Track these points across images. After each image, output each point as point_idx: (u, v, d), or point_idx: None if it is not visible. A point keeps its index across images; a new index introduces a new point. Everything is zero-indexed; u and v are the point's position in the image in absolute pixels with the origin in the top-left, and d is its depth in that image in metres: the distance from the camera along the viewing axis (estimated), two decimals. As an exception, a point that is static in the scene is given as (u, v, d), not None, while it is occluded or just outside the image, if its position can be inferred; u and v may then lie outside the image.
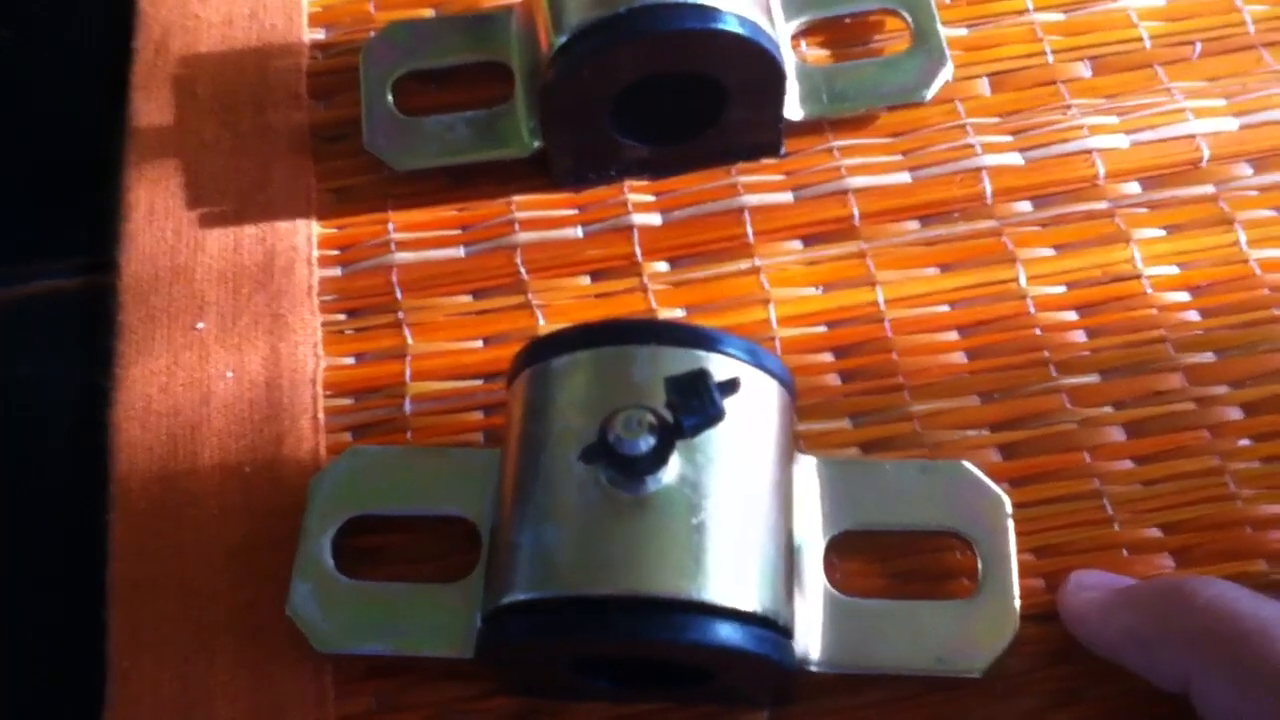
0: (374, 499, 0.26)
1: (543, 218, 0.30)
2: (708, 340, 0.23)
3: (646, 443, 0.21)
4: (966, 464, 0.26)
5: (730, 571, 0.22)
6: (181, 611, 0.26)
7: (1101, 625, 0.23)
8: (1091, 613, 0.24)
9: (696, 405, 0.21)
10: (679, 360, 0.23)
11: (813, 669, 0.24)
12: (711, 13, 0.27)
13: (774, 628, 0.22)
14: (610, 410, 0.22)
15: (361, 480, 0.26)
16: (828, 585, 0.24)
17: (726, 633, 0.21)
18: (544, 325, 0.29)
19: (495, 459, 0.25)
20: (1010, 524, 0.25)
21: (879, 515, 0.25)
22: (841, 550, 0.25)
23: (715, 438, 0.22)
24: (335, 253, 0.30)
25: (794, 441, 0.25)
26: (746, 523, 0.22)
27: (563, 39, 0.27)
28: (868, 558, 0.25)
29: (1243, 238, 0.29)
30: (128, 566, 0.27)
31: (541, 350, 0.24)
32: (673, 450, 0.21)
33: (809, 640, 0.24)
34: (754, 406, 0.23)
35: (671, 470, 0.22)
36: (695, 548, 0.22)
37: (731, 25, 0.27)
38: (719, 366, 0.23)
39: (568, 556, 0.22)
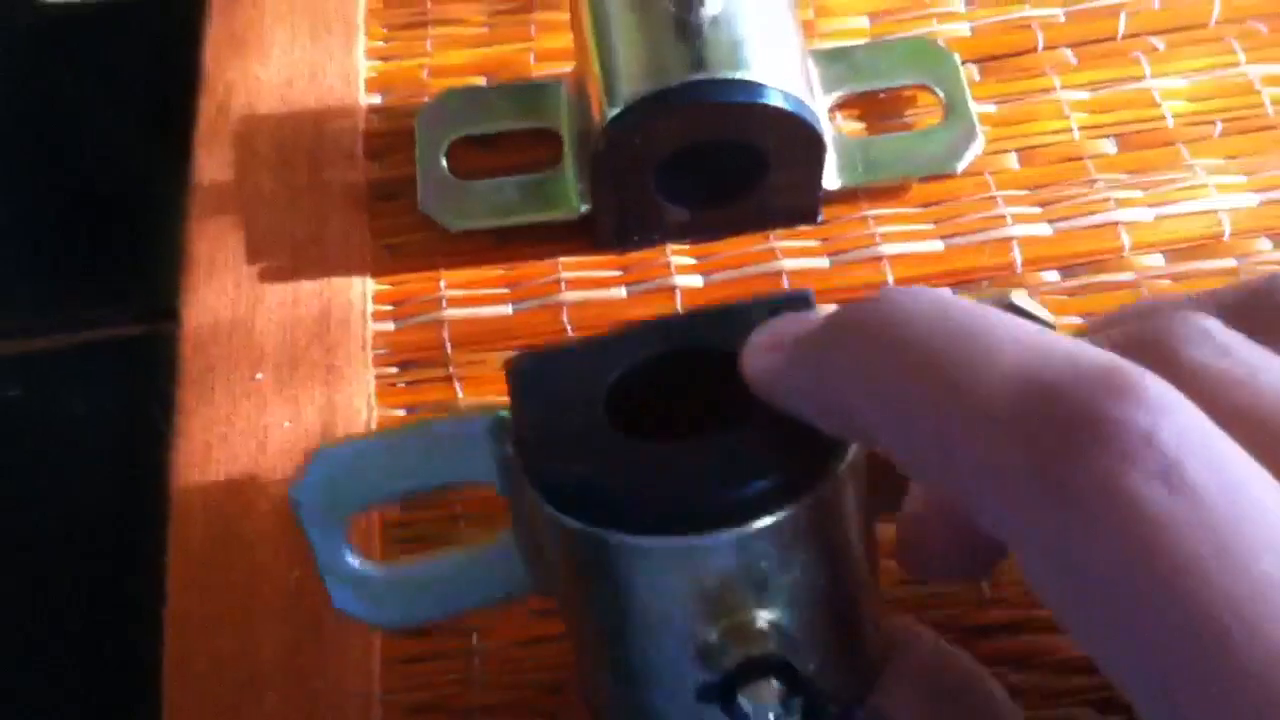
0: (367, 494, 0.23)
1: (588, 278, 0.32)
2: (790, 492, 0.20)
3: (775, 712, 0.19)
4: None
5: None
6: (233, 650, 0.27)
7: (775, 390, 0.20)
8: (762, 380, 0.20)
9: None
10: (763, 546, 0.20)
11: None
12: (758, 88, 0.28)
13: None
14: (714, 624, 0.19)
15: (344, 482, 0.23)
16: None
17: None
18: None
19: (491, 424, 0.22)
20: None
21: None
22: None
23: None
24: (389, 308, 0.31)
25: None
26: None
27: (615, 110, 0.29)
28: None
29: (1264, 310, 0.30)
30: (182, 606, 0.28)
31: (592, 513, 0.20)
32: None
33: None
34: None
35: None
36: None
37: (776, 100, 0.29)
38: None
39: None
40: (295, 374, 0.30)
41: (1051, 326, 0.21)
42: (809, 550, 0.20)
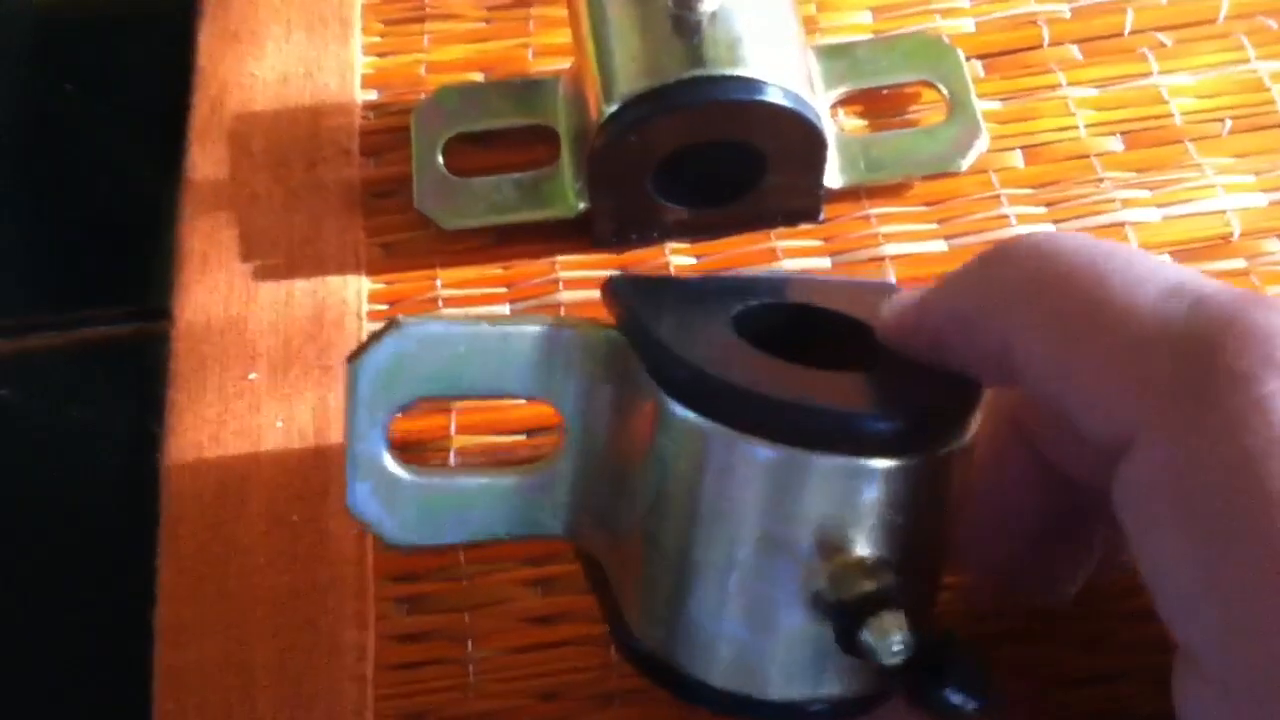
0: (428, 384, 0.22)
1: (586, 277, 0.31)
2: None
3: (898, 646, 0.19)
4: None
5: None
6: (225, 655, 0.27)
7: (919, 324, 0.20)
8: (907, 317, 0.21)
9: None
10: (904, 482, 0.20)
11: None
12: (757, 85, 0.28)
13: None
14: (837, 545, 0.19)
15: (410, 364, 0.22)
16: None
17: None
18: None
19: (575, 342, 0.21)
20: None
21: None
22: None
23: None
24: (383, 307, 0.31)
25: None
26: None
27: (612, 107, 0.28)
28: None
29: (1273, 312, 0.30)
30: (174, 609, 0.27)
31: (730, 410, 0.20)
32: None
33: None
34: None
35: None
36: None
37: (776, 97, 0.28)
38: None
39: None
40: (289, 374, 0.30)
41: None
42: (932, 499, 0.20)
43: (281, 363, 0.30)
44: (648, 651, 0.22)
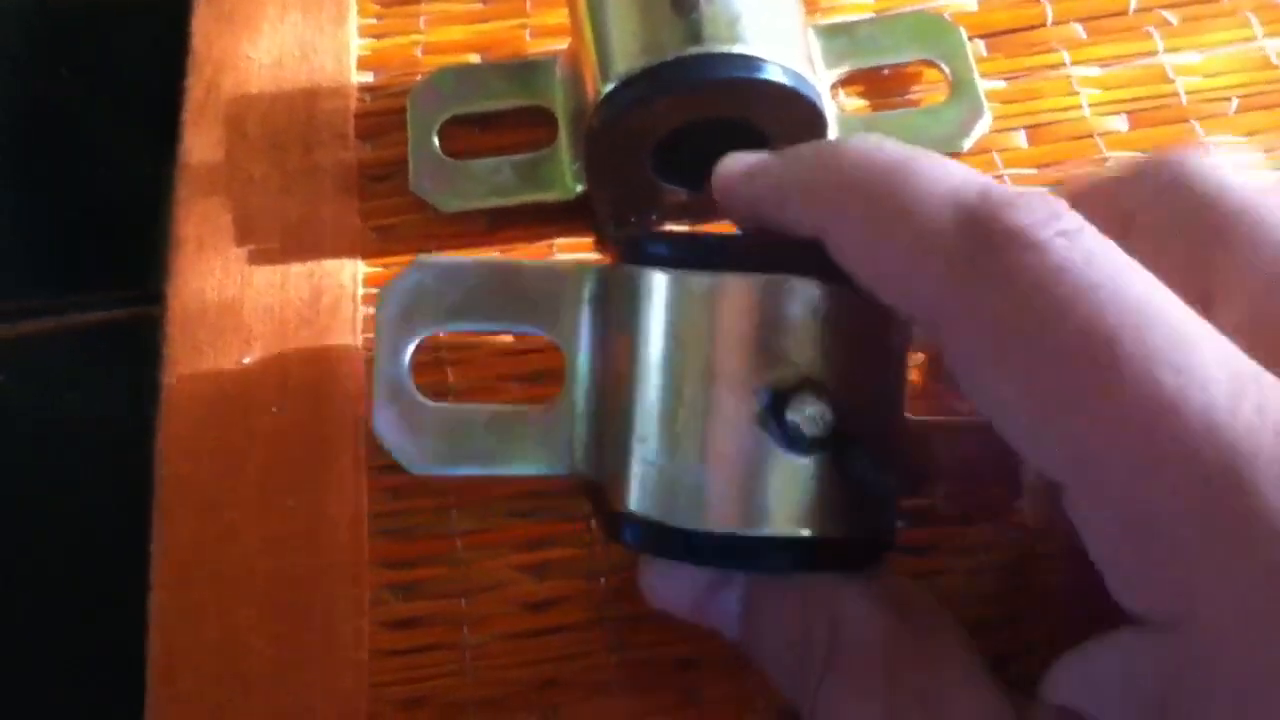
0: (446, 315, 0.25)
1: (583, 260, 0.31)
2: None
3: (824, 427, 0.21)
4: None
5: None
6: (219, 641, 0.26)
7: (740, 190, 0.23)
8: (731, 181, 0.24)
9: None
10: (831, 297, 0.22)
11: None
12: (757, 63, 0.28)
13: None
14: (772, 362, 0.22)
15: (431, 294, 0.25)
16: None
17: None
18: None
19: (580, 277, 0.25)
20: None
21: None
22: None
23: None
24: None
25: None
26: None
27: (609, 86, 0.28)
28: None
29: (1280, 292, 0.29)
30: (169, 595, 0.27)
31: (682, 256, 0.23)
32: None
33: None
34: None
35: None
36: None
37: (776, 75, 0.28)
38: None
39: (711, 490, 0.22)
40: (284, 358, 0.30)
41: None
42: (855, 331, 0.22)
43: (276, 347, 0.30)
44: (639, 519, 0.23)
